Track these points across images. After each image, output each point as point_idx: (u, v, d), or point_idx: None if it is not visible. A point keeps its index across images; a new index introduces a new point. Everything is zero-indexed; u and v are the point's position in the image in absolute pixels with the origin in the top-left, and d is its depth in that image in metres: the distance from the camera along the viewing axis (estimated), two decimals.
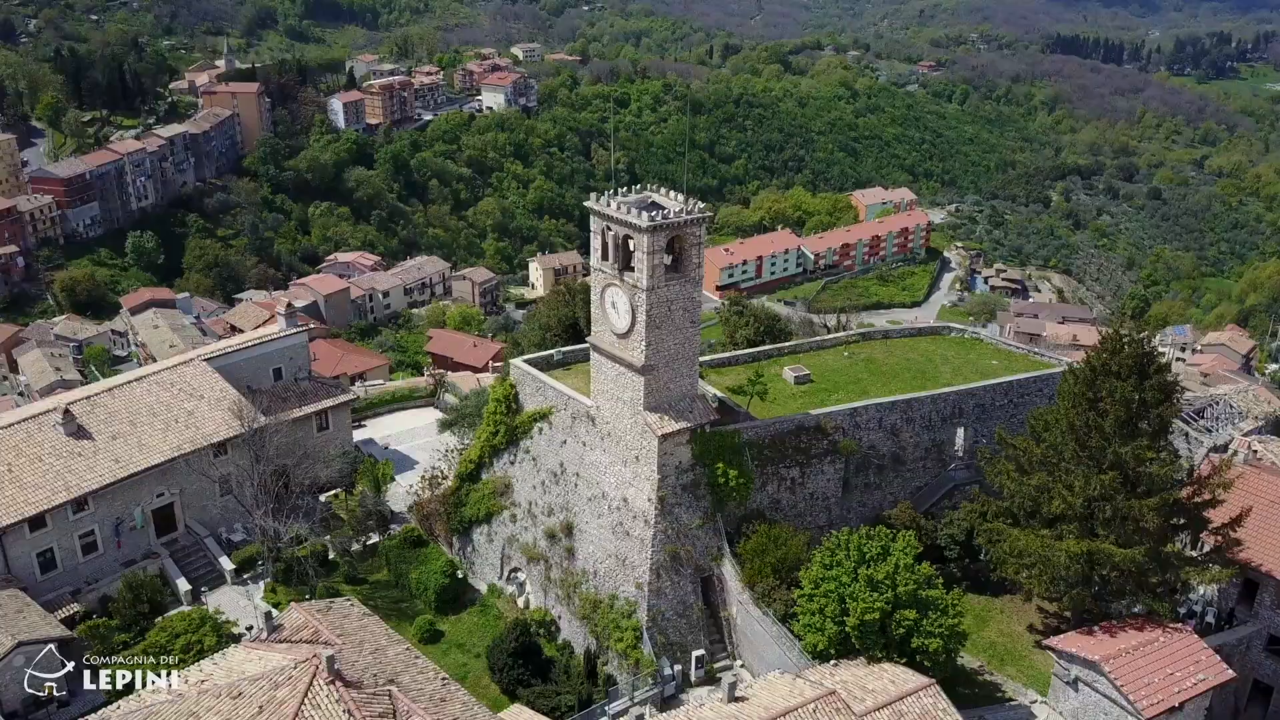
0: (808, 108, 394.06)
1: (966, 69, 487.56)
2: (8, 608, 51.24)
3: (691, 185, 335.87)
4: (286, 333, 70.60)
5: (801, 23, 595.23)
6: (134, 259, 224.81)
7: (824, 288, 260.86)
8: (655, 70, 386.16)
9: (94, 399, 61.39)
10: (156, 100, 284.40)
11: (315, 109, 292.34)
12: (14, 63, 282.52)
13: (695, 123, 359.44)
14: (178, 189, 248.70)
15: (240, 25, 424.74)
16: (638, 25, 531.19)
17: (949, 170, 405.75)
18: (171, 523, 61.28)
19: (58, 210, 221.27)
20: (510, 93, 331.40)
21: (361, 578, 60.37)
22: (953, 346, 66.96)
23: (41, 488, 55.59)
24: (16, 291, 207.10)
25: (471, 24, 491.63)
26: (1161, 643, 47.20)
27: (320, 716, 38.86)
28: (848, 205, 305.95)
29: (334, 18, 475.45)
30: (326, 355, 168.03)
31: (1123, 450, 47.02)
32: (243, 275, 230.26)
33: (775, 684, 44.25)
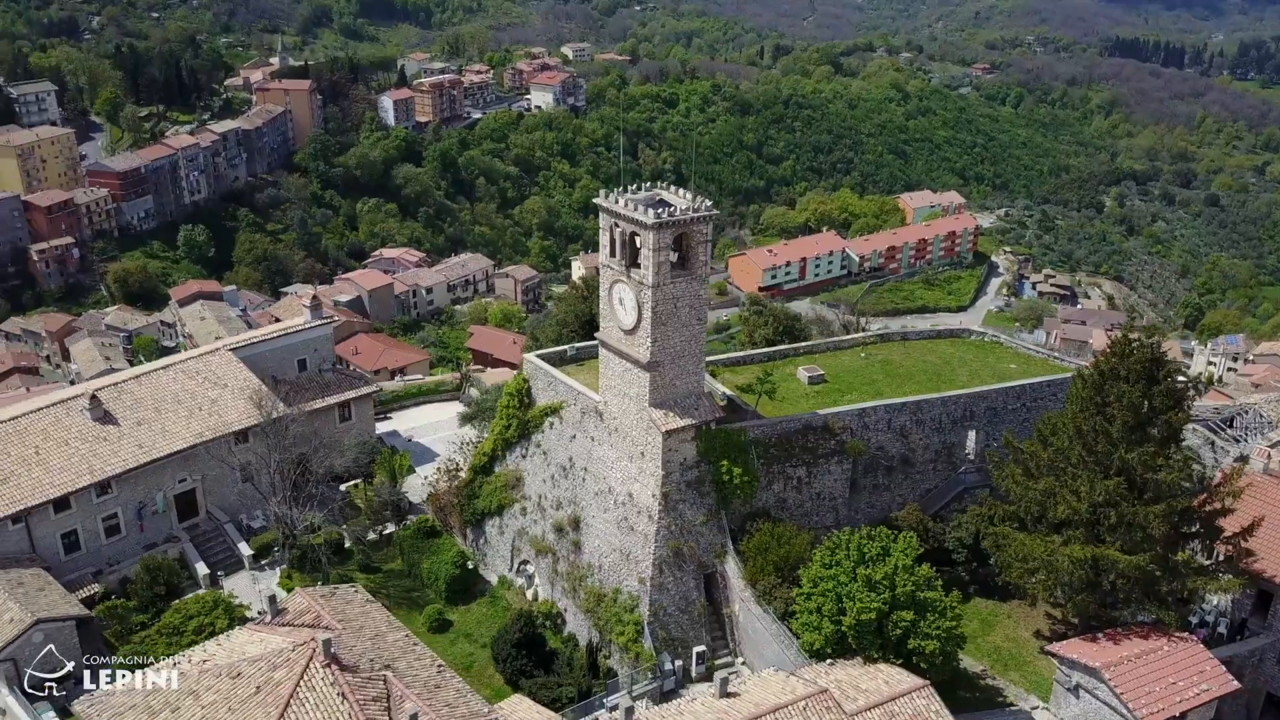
0: (858, 109, 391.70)
1: (1021, 72, 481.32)
2: (30, 586, 52.80)
3: (739, 186, 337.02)
4: (311, 324, 71.74)
5: (854, 24, 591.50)
6: (185, 252, 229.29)
7: (868, 290, 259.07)
8: (704, 70, 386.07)
9: (121, 386, 62.97)
10: (212, 96, 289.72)
11: (366, 106, 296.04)
12: (75, 59, 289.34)
13: (743, 123, 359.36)
14: (229, 184, 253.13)
15: (296, 23, 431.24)
16: (689, 25, 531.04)
17: (1000, 174, 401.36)
18: (193, 508, 62.64)
19: (113, 203, 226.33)
20: (559, 92, 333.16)
21: (375, 566, 61.28)
22: (971, 350, 66.54)
23: (67, 470, 57.14)
24: (71, 282, 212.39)
25: (523, 23, 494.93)
26: (1165, 651, 46.69)
27: (315, 698, 39.78)
28: (895, 208, 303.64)
29: (388, 16, 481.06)
30: (368, 349, 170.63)
31: (1129, 456, 46.56)
32: (290, 269, 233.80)
33: (768, 681, 44.42)
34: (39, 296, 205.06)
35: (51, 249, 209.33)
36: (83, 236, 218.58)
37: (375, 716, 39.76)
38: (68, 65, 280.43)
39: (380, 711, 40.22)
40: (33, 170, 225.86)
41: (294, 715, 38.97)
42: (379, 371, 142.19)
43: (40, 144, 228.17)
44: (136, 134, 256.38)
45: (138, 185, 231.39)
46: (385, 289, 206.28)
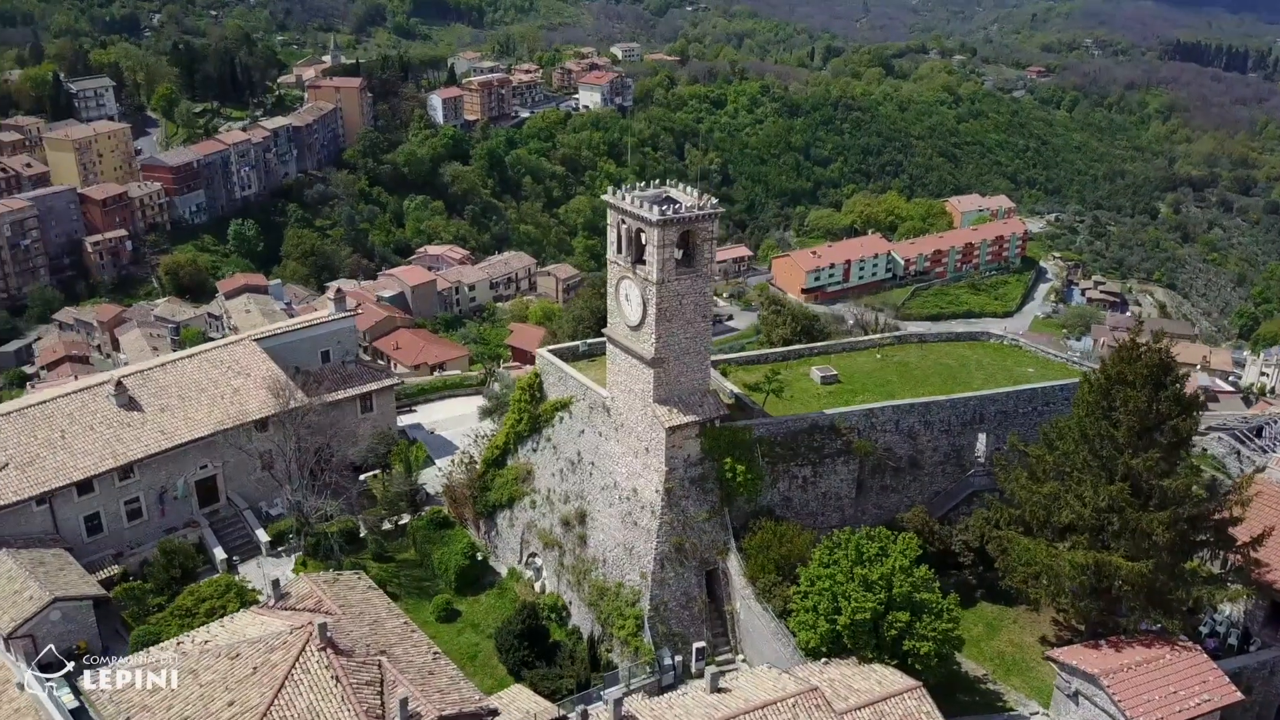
0: (908, 112, 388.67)
1: (1078, 75, 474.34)
2: (50, 565, 54.32)
3: (785, 187, 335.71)
4: (335, 317, 72.93)
5: (908, 25, 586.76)
6: (235, 246, 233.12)
7: (913, 294, 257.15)
8: (754, 71, 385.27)
9: (147, 373, 64.52)
10: (265, 93, 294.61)
11: (415, 105, 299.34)
12: (134, 55, 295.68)
13: (792, 125, 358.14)
14: (279, 179, 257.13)
15: (351, 22, 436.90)
16: (741, 26, 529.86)
17: (1053, 179, 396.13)
18: (214, 494, 64.00)
19: (166, 197, 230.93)
20: (607, 92, 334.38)
21: (389, 556, 62.20)
22: (990, 353, 66.08)
23: (91, 454, 58.69)
24: (124, 274, 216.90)
25: (575, 23, 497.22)
26: (1167, 660, 46.21)
27: (310, 680, 40.65)
28: (942, 211, 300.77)
29: (441, 16, 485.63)
30: (409, 344, 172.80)
31: (1134, 462, 46.11)
32: (337, 264, 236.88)
33: (760, 678, 44.60)
34: (92, 288, 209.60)
35: (105, 241, 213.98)
36: (136, 229, 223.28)
37: (368, 700, 40.50)
38: (126, 62, 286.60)
39: (373, 695, 40.96)
40: (90, 164, 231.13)
41: (288, 696, 39.83)
42: (419, 366, 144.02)
43: (97, 138, 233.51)
44: (191, 129, 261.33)
45: (190, 180, 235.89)
46: (428, 285, 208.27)
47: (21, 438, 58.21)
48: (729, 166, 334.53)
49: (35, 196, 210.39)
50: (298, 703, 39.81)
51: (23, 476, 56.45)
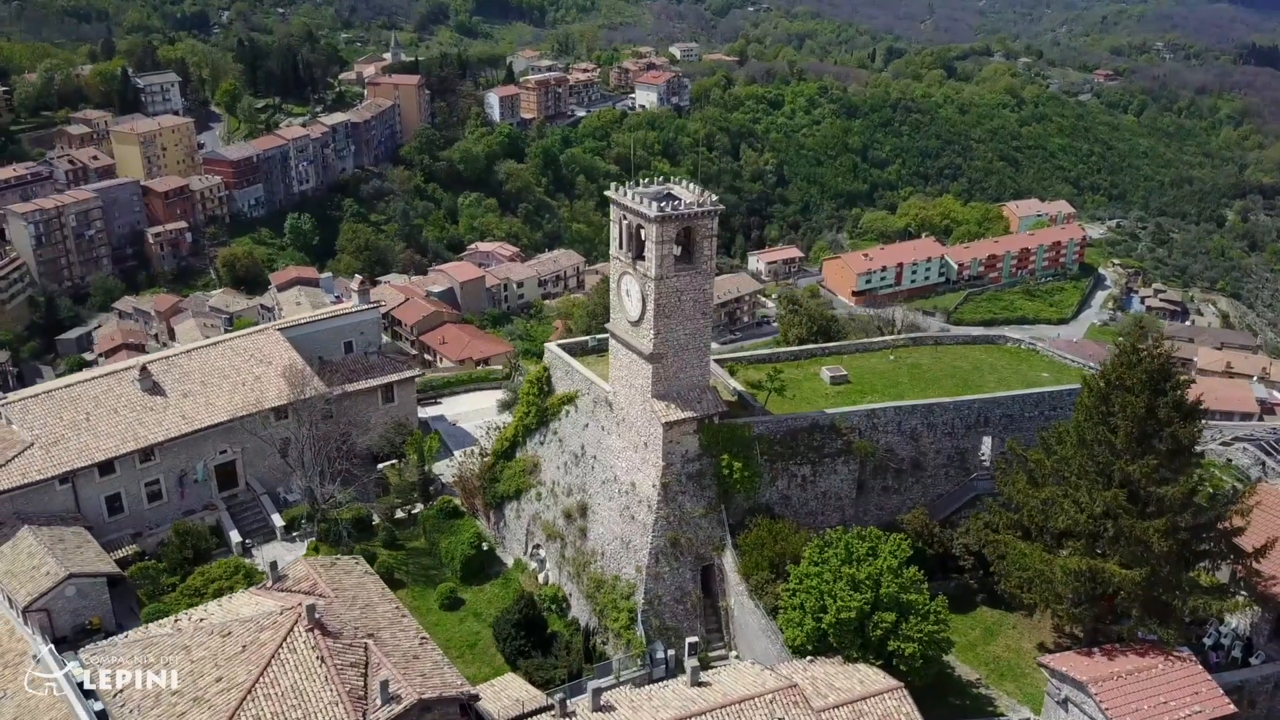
0: (969, 114, 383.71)
1: (1147, 79, 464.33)
2: (69, 543, 56.13)
3: (841, 189, 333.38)
4: (359, 308, 74.28)
5: (974, 27, 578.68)
6: (291, 239, 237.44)
7: (966, 299, 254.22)
8: (812, 72, 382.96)
9: (172, 359, 66.41)
10: (326, 90, 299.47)
11: (472, 102, 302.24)
12: (200, 51, 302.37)
13: (849, 126, 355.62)
14: (337, 174, 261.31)
15: (414, 20, 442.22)
16: (802, 27, 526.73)
17: (1118, 184, 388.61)
18: (233, 479, 65.67)
19: (226, 190, 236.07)
20: (663, 91, 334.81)
21: (399, 543, 63.32)
22: (1005, 356, 65.46)
23: (113, 436, 60.55)
24: (183, 265, 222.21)
25: (635, 23, 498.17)
26: (1159, 670, 45.57)
27: (295, 660, 41.72)
28: (999, 215, 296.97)
29: (503, 15, 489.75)
30: (455, 339, 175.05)
31: (1131, 468, 45.53)
32: (391, 259, 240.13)
33: (742, 673, 44.78)
34: (153, 277, 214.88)
35: (166, 233, 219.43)
36: (196, 221, 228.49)
37: (350, 680, 41.44)
38: (192, 58, 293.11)
39: (357, 676, 41.89)
40: (153, 157, 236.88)
41: (273, 674, 40.90)
42: (464, 361, 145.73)
43: (161, 132, 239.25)
44: (252, 124, 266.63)
45: (250, 174, 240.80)
46: (477, 281, 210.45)
47: (48, 419, 60.23)
48: (784, 167, 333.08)
49: (100, 188, 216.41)
50: (282, 681, 40.85)
51: (47, 456, 58.42)
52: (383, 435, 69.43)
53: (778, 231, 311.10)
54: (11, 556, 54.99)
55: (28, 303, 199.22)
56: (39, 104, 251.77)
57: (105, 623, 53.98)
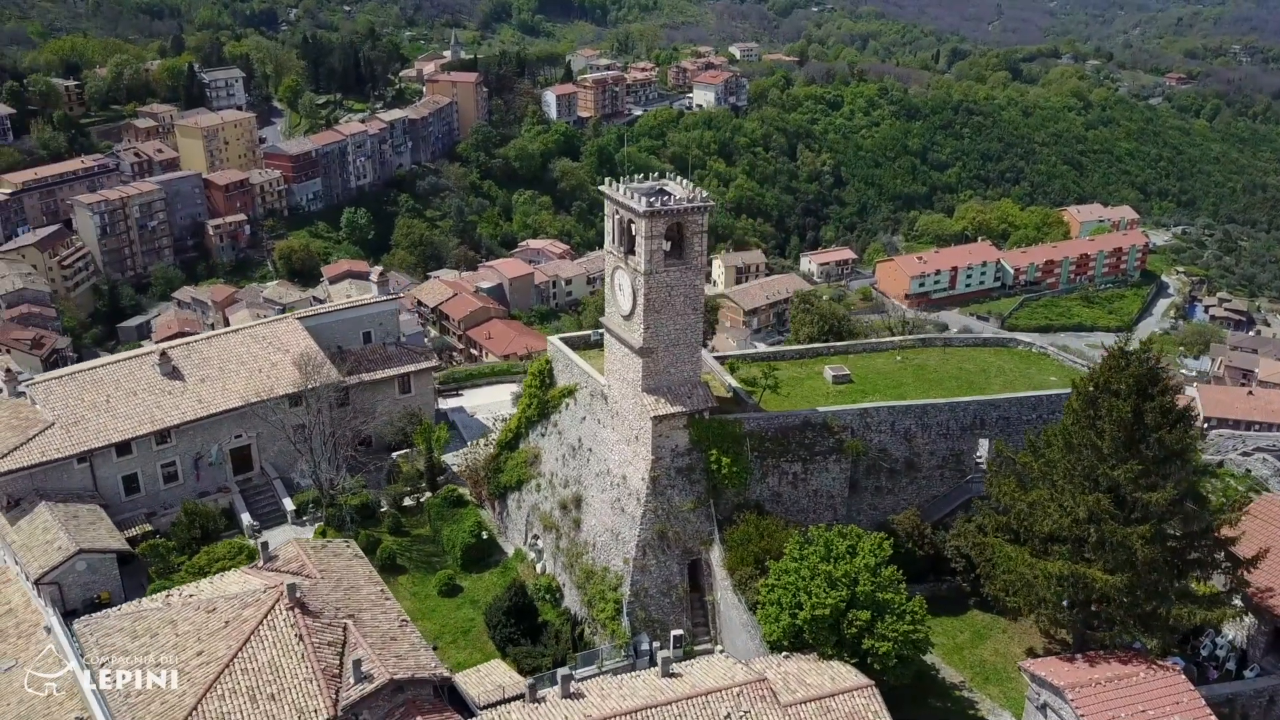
0: (1033, 117, 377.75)
1: (1221, 83, 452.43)
2: (82, 519, 58.16)
3: (899, 191, 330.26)
4: (378, 299, 75.74)
5: (1043, 29, 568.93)
6: (347, 233, 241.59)
7: (1021, 304, 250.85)
8: (873, 73, 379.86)
9: (192, 345, 68.40)
10: (386, 87, 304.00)
11: (529, 100, 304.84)
12: (264, 48, 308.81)
13: (909, 128, 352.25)
14: (393, 170, 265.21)
15: (477, 18, 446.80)
16: (866, 28, 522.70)
17: (1186, 190, 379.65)
18: (248, 462, 67.39)
19: (284, 184, 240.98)
20: (721, 91, 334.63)
21: (405, 530, 64.49)
22: (1014, 359, 64.76)
23: (131, 418, 62.54)
24: (241, 257, 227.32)
25: (697, 22, 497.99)
26: (1141, 679, 44.97)
27: (274, 637, 43.01)
28: (1058, 220, 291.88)
29: (565, 14, 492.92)
30: (500, 334, 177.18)
31: (1115, 473, 45.00)
32: (444, 255, 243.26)
33: (714, 666, 45.07)
34: (212, 268, 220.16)
35: (226, 225, 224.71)
36: (255, 214, 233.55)
37: (326, 659, 42.60)
38: (257, 54, 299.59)
39: (333, 655, 43.03)
40: (216, 151, 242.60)
41: (252, 649, 42.23)
42: (508, 356, 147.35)
43: (224, 126, 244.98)
44: (313, 120, 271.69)
45: (309, 168, 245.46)
46: (525, 278, 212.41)
47: (70, 400, 62.41)
48: (842, 168, 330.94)
49: (164, 180, 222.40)
50: (260, 656, 42.14)
51: (66, 435, 60.54)
52: (395, 425, 70.67)
53: (833, 233, 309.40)
54: (28, 531, 57.19)
55: (92, 291, 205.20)
56: (109, 98, 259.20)
57: (115, 597, 55.74)
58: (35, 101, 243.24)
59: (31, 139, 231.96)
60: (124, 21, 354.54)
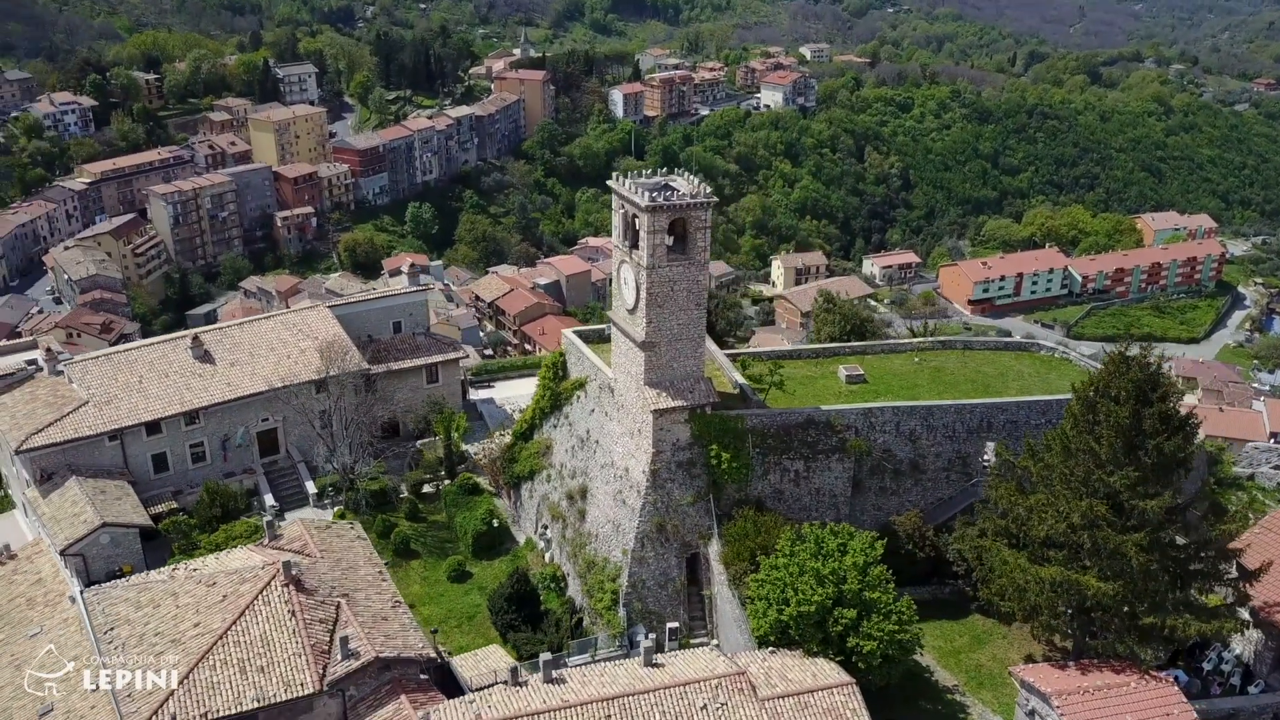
0: (1110, 123, 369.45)
1: None
2: (109, 495, 60.33)
3: (969, 195, 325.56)
4: (408, 290, 77.20)
5: (1126, 32, 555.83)
6: (411, 227, 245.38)
7: (1089, 313, 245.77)
8: (946, 75, 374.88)
9: (225, 330, 70.51)
10: (455, 83, 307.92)
11: (596, 99, 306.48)
12: (338, 44, 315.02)
13: (981, 131, 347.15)
14: (459, 166, 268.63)
15: (549, 17, 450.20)
16: (942, 29, 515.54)
17: (1271, 199, 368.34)
18: (275, 445, 69.14)
19: (352, 178, 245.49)
20: (789, 91, 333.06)
21: (422, 516, 65.74)
22: (1035, 364, 63.92)
23: (161, 399, 64.63)
24: (308, 248, 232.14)
25: (770, 23, 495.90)
26: (1131, 689, 44.27)
27: (268, 612, 44.41)
28: (1131, 228, 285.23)
29: (637, 13, 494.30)
30: (554, 330, 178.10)
31: (1111, 479, 44.32)
32: (506, 251, 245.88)
33: (697, 658, 45.36)
34: (279, 259, 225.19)
35: (294, 217, 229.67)
36: (322, 207, 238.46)
37: (317, 635, 43.87)
38: (330, 50, 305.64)
39: (323, 632, 44.26)
40: (287, 144, 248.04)
41: (245, 623, 43.62)
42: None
43: (295, 120, 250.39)
44: (382, 115, 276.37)
45: (376, 163, 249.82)
46: (582, 275, 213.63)
47: (105, 380, 64.70)
48: (910, 171, 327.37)
49: (235, 172, 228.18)
50: (253, 630, 43.51)
51: (99, 414, 62.77)
52: (418, 413, 71.99)
53: (900, 236, 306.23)
54: (58, 503, 59.54)
55: (163, 278, 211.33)
56: (186, 91, 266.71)
57: (137, 570, 57.52)
58: (117, 94, 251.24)
59: (112, 130, 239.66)
60: (207, 17, 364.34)
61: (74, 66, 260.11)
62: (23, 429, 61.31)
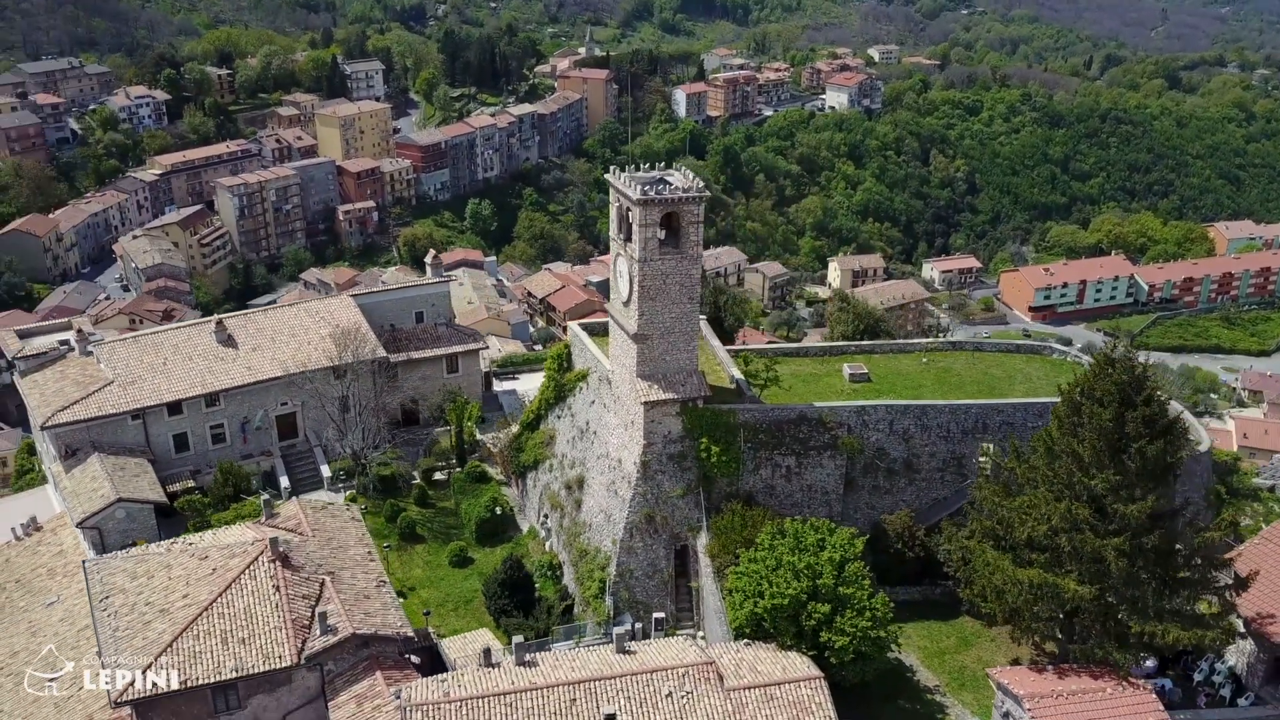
0: (1187, 128, 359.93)
1: None
2: (128, 471, 62.46)
3: (1036, 200, 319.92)
4: (431, 281, 78.58)
5: (1210, 36, 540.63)
6: (471, 223, 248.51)
7: (1154, 322, 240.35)
8: (1017, 78, 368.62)
9: (250, 316, 72.57)
10: (519, 81, 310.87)
11: (659, 98, 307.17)
12: (405, 41, 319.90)
13: (1051, 135, 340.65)
14: (520, 163, 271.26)
15: (618, 16, 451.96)
16: (1018, 32, 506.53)
17: None
18: (294, 429, 70.89)
19: (414, 173, 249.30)
20: (855, 93, 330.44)
21: (431, 502, 66.99)
22: (1044, 367, 63.13)
23: (183, 381, 66.69)
24: (369, 241, 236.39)
25: (841, 23, 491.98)
26: (1107, 695, 43.85)
27: (253, 586, 45.85)
28: (1203, 236, 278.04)
29: (706, 13, 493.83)
30: None
31: (1092, 482, 43.81)
32: (563, 248, 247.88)
33: (669, 647, 45.78)
34: (340, 252, 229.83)
35: (356, 211, 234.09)
36: (384, 202, 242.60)
37: (299, 610, 45.15)
38: (398, 47, 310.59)
39: (306, 608, 45.51)
40: (351, 139, 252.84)
41: (230, 595, 45.08)
42: None
43: (360, 116, 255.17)
44: (446, 112, 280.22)
45: (438, 159, 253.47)
46: None
47: (131, 361, 66.98)
48: (976, 175, 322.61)
49: (300, 166, 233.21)
50: (237, 603, 44.94)
51: (123, 393, 64.99)
52: (433, 402, 73.29)
53: (963, 240, 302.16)
54: (79, 478, 61.83)
55: (228, 269, 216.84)
56: (257, 86, 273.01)
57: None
58: (190, 89, 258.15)
59: (183, 124, 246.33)
60: (282, 15, 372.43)
61: (150, 61, 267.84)
62: (50, 405, 63.81)
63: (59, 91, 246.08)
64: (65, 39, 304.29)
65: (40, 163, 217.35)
